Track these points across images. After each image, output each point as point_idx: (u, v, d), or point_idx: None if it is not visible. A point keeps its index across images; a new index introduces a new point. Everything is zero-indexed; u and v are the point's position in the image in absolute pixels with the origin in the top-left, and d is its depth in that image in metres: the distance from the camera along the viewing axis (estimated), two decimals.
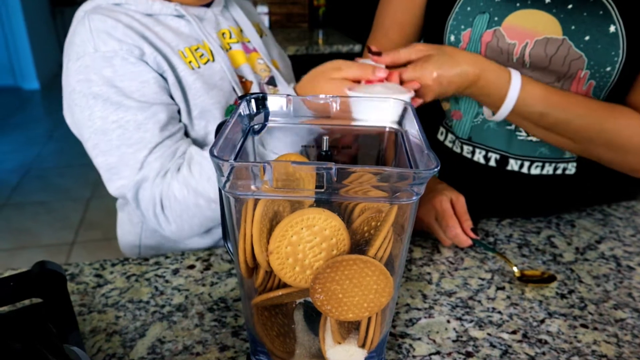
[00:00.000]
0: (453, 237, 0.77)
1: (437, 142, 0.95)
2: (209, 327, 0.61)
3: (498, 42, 0.79)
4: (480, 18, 0.80)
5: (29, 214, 2.70)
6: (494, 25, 0.79)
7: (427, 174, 0.37)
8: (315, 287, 0.44)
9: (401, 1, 0.92)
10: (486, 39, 0.80)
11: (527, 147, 0.85)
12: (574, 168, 0.86)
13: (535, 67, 0.78)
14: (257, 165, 0.37)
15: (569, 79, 0.78)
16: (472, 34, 0.81)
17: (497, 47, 0.80)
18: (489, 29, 0.79)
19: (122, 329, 0.61)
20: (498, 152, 0.87)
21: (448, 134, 0.93)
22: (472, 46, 0.82)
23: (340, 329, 0.47)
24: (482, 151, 0.88)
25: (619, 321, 0.64)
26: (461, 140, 0.90)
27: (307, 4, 2.76)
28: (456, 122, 0.89)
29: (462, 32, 0.82)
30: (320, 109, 0.52)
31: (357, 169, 0.37)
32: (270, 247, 0.43)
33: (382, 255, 0.43)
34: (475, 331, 0.62)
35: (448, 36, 0.83)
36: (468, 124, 0.88)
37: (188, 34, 0.79)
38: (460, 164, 0.91)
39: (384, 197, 0.39)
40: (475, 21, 0.80)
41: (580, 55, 0.75)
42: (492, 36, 0.79)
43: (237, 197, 0.40)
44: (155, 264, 0.73)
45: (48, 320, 0.50)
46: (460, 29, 0.82)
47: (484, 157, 0.88)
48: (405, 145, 0.47)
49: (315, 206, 0.43)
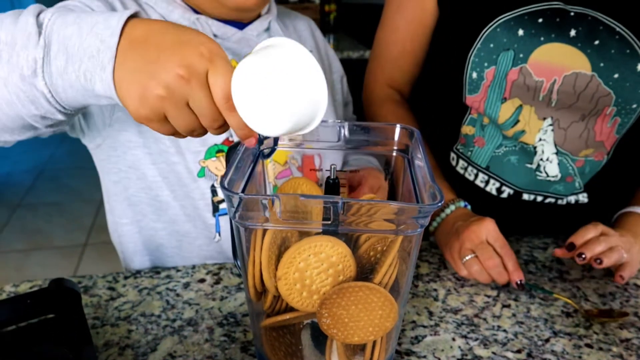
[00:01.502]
0: (493, 267, 0.71)
1: (449, 167, 0.92)
2: (219, 342, 0.63)
3: (525, 80, 0.77)
4: (505, 55, 0.77)
5: (42, 215, 2.74)
6: (520, 62, 0.77)
7: (431, 208, 0.38)
8: (322, 311, 0.45)
9: (409, 28, 0.89)
10: (512, 77, 0.77)
11: (544, 185, 0.84)
12: (586, 199, 0.86)
13: (562, 106, 0.77)
14: (266, 198, 0.38)
15: (594, 116, 0.77)
16: (497, 72, 0.78)
17: (523, 85, 0.77)
18: (515, 66, 0.77)
19: (135, 342, 0.62)
20: (512, 187, 0.85)
21: (460, 160, 0.90)
22: (496, 84, 0.79)
23: (347, 350, 0.49)
24: (497, 183, 0.86)
25: (624, 341, 0.65)
26: (477, 168, 0.87)
27: (318, 10, 2.77)
28: (477, 149, 0.87)
29: (486, 69, 0.79)
30: (330, 134, 0.53)
31: (364, 203, 0.39)
32: (279, 273, 0.44)
33: (387, 282, 0.44)
34: (480, 350, 0.63)
35: (469, 72, 0.81)
36: (489, 152, 0.85)
37: None
38: (471, 191, 0.89)
39: (390, 230, 0.40)
40: (499, 59, 0.78)
41: (609, 93, 0.75)
42: (518, 74, 0.77)
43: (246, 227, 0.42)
44: (167, 277, 0.75)
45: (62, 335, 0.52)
46: (484, 67, 0.79)
47: (497, 189, 0.86)
48: (411, 174, 0.48)
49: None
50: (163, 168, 0.76)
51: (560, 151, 0.81)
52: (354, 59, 2.31)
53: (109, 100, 0.46)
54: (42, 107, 0.47)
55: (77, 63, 0.44)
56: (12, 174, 3.21)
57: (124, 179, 0.77)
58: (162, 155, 0.75)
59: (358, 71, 1.06)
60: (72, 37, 0.44)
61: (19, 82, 0.45)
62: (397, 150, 0.53)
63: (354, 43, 2.52)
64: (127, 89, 0.43)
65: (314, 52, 0.87)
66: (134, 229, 0.81)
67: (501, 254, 0.71)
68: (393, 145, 0.54)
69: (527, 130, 0.81)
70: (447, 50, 0.86)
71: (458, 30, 0.82)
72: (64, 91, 0.46)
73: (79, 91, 0.45)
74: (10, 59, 0.45)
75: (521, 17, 0.76)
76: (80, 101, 0.47)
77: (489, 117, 0.83)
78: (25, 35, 0.44)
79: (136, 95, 0.42)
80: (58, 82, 0.45)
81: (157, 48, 0.42)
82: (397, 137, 0.53)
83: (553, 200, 0.85)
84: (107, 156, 0.77)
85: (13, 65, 0.45)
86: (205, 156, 0.76)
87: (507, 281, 0.71)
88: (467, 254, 0.71)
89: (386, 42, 0.92)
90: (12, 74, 0.45)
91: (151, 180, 0.76)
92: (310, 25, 0.92)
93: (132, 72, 0.42)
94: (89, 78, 0.44)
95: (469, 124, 0.87)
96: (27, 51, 0.44)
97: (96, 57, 0.43)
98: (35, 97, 0.46)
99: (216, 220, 0.79)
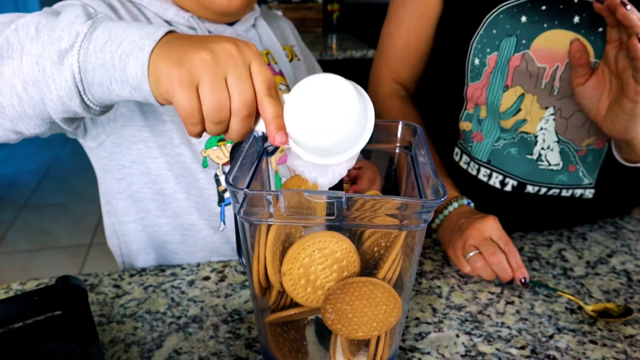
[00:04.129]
0: (498, 262, 0.70)
1: (452, 163, 0.93)
2: (224, 338, 0.63)
3: (527, 66, 0.77)
4: (507, 41, 0.77)
5: (48, 215, 2.76)
6: (522, 48, 0.77)
7: (434, 204, 0.38)
8: (326, 307, 0.45)
9: (413, 21, 0.90)
10: (514, 63, 0.78)
11: (547, 175, 0.84)
12: (592, 194, 0.86)
13: (564, 95, 0.77)
14: (270, 193, 0.39)
15: None
16: (499, 57, 0.79)
17: (525, 72, 0.78)
18: (517, 52, 0.77)
19: (140, 339, 0.63)
20: (516, 178, 0.86)
21: (463, 155, 0.91)
22: (498, 70, 0.80)
23: (351, 346, 0.49)
24: (500, 176, 0.86)
25: (628, 337, 0.65)
26: (479, 163, 0.88)
27: (321, 9, 2.78)
28: (476, 144, 0.87)
29: (488, 55, 0.80)
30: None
31: (367, 198, 0.39)
32: (283, 268, 0.45)
33: (391, 277, 0.45)
34: (484, 346, 0.63)
35: (472, 59, 0.82)
36: (488, 147, 0.86)
37: None
38: (475, 186, 0.89)
39: (393, 225, 0.40)
40: (502, 45, 0.78)
41: None
42: (520, 60, 0.77)
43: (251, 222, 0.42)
44: (172, 275, 0.75)
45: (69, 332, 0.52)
46: (486, 53, 0.80)
47: (501, 182, 0.87)
48: (415, 170, 0.48)
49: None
50: (168, 160, 0.76)
51: (562, 139, 0.81)
52: (357, 58, 2.31)
53: (132, 89, 0.46)
54: (63, 87, 0.48)
55: (117, 45, 0.45)
56: (17, 175, 3.23)
57: (128, 175, 0.78)
58: (166, 147, 0.76)
59: (361, 71, 1.06)
60: (118, 28, 0.46)
61: (54, 56, 0.46)
62: (401, 147, 0.53)
63: (357, 42, 2.52)
64: (165, 59, 0.43)
65: (295, 48, 0.92)
66: (138, 226, 0.82)
67: (505, 251, 0.71)
68: (396, 142, 0.54)
69: (528, 120, 0.81)
70: (450, 39, 0.87)
71: (461, 18, 0.83)
72: (93, 70, 0.47)
73: (108, 72, 0.46)
74: (51, 35, 0.47)
75: (524, 4, 0.76)
76: (104, 85, 0.48)
77: (490, 106, 0.83)
78: (73, 16, 0.47)
79: (174, 60, 0.43)
80: (91, 59, 0.46)
81: (204, 39, 0.45)
82: (400, 134, 0.54)
83: (557, 192, 0.85)
84: (110, 153, 0.77)
85: (53, 39, 0.46)
86: (206, 146, 0.77)
87: (510, 278, 0.71)
88: (470, 251, 0.72)
89: (391, 36, 0.93)
90: (48, 49, 0.47)
91: (156, 174, 0.77)
92: (290, 25, 0.97)
93: (171, 52, 0.44)
94: (124, 59, 0.45)
95: (465, 119, 0.88)
96: (72, 26, 0.46)
97: (137, 43, 0.45)
98: (63, 74, 0.47)
99: (221, 210, 0.79)
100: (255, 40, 0.84)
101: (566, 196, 0.86)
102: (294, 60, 0.89)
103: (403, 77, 0.96)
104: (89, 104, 0.50)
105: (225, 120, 0.45)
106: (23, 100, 0.50)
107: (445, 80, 0.90)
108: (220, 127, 0.45)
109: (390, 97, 0.94)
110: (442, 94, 0.92)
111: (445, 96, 0.91)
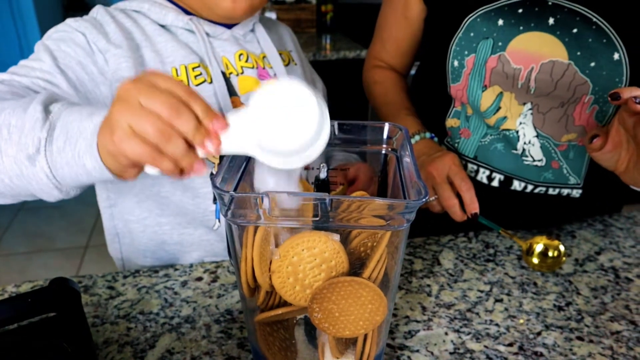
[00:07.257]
0: (451, 206, 0.76)
1: None
2: (216, 338, 0.64)
3: (503, 67, 0.79)
4: (484, 43, 0.79)
5: (44, 218, 2.76)
6: (499, 50, 0.79)
7: (417, 204, 0.39)
8: (313, 306, 0.46)
9: (396, 18, 0.94)
10: (491, 64, 0.80)
11: (532, 171, 0.86)
12: (579, 194, 0.87)
13: (540, 93, 0.79)
14: (256, 196, 0.40)
15: (573, 104, 0.79)
16: (476, 59, 0.81)
17: (502, 73, 0.79)
18: (494, 54, 0.79)
19: (134, 340, 0.64)
20: (503, 173, 0.87)
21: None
22: (476, 72, 0.82)
23: (338, 344, 0.50)
24: (487, 171, 0.88)
25: (614, 333, 0.66)
26: (466, 159, 0.90)
27: (314, 10, 2.78)
28: (464, 140, 0.89)
29: (466, 57, 0.82)
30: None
31: (351, 200, 0.40)
32: (273, 266, 0.46)
33: (376, 277, 0.45)
34: (473, 343, 0.64)
35: (451, 61, 0.84)
36: (475, 142, 0.88)
37: (195, 50, 0.77)
38: None
39: (377, 225, 0.41)
40: (479, 47, 0.80)
41: (585, 81, 0.76)
42: (497, 62, 0.79)
43: (237, 224, 0.43)
44: (165, 276, 0.76)
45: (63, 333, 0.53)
46: (464, 55, 0.82)
47: (488, 177, 0.88)
48: (399, 171, 0.49)
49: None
50: None
51: (541, 134, 0.83)
52: (350, 58, 2.32)
53: (98, 178, 0.50)
54: (42, 183, 0.52)
55: (73, 143, 0.49)
56: None
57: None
58: None
59: (355, 71, 1.09)
60: (73, 123, 0.50)
61: (25, 160, 0.51)
62: (387, 148, 0.54)
63: (351, 43, 2.53)
64: (102, 138, 0.46)
65: (293, 53, 0.94)
66: (140, 227, 0.83)
67: (460, 186, 0.76)
68: (382, 142, 0.55)
69: (508, 116, 0.83)
70: (433, 41, 0.90)
71: (442, 21, 0.86)
72: (62, 168, 0.50)
73: (72, 168, 0.50)
74: (19, 140, 0.51)
75: (502, 8, 0.79)
76: (74, 178, 0.52)
77: (472, 106, 0.85)
78: (33, 120, 0.50)
79: (108, 133, 0.44)
80: (57, 159, 0.50)
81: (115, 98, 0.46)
82: (386, 134, 0.55)
83: (544, 190, 0.87)
84: None
85: (22, 145, 0.51)
86: None
87: (463, 219, 0.76)
88: (430, 196, 0.76)
89: (380, 24, 1.00)
90: (20, 153, 0.51)
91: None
92: (289, 31, 1.00)
93: (104, 129, 0.46)
94: (81, 155, 0.49)
95: (453, 116, 0.90)
96: (33, 132, 0.50)
97: (88, 139, 0.48)
98: (37, 173, 0.51)
99: (216, 207, 0.81)
100: (253, 43, 0.84)
101: (553, 194, 0.87)
102: (290, 65, 0.90)
103: (391, 64, 1.02)
104: (69, 191, 0.55)
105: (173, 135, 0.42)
106: (14, 189, 0.55)
107: (431, 81, 0.93)
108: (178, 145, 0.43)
109: (377, 68, 1.02)
110: (429, 94, 0.95)
111: (431, 95, 0.93)
